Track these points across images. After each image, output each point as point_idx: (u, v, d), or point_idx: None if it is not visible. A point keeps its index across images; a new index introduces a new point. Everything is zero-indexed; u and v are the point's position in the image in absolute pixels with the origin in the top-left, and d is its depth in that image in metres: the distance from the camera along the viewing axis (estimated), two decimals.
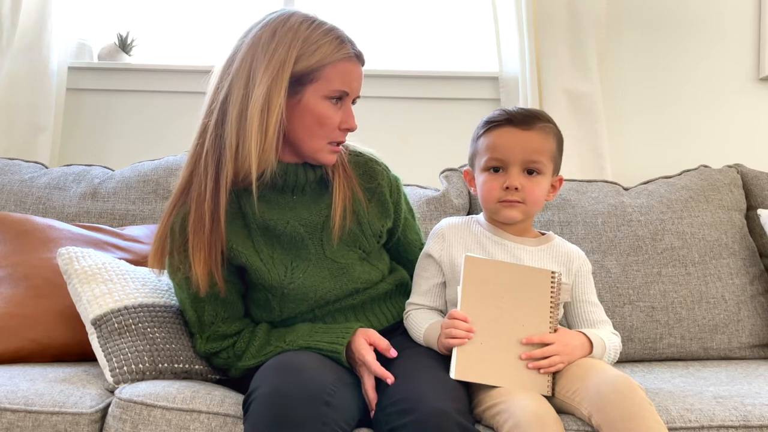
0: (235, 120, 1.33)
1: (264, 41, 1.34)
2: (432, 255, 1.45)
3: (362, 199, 1.46)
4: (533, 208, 1.40)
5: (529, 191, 1.37)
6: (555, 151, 1.41)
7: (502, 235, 1.43)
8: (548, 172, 1.40)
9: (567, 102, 2.27)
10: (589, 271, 1.46)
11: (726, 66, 2.39)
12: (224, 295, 1.40)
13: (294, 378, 1.20)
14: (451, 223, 1.48)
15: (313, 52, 1.34)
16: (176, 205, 1.40)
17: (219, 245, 1.35)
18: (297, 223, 1.42)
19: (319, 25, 1.36)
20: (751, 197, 2.04)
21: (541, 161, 1.38)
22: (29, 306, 1.59)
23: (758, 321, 1.87)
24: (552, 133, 1.41)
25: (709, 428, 1.28)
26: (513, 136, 1.38)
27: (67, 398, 1.32)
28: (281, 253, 1.42)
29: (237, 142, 1.33)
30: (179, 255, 1.38)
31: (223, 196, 1.35)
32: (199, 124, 1.40)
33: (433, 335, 1.37)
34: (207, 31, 2.46)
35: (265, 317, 1.45)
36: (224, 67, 1.38)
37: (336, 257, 1.44)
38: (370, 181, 1.48)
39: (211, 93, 1.39)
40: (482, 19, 2.46)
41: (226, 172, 1.34)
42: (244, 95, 1.33)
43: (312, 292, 1.42)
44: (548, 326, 1.31)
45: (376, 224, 1.48)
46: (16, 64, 2.22)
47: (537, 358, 1.29)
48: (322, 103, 1.36)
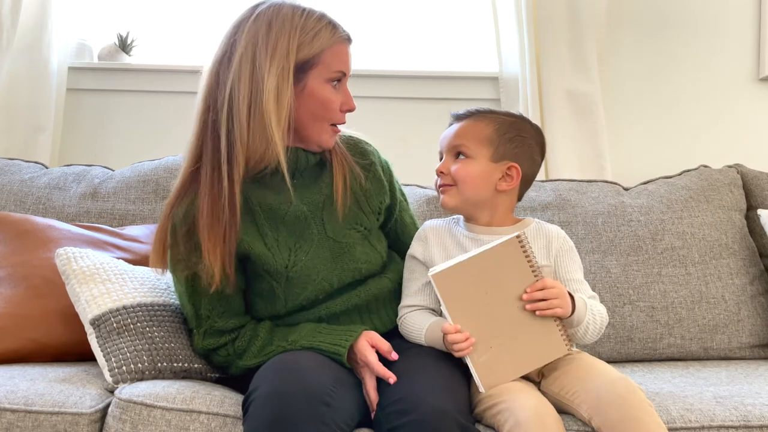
0: (245, 114, 1.35)
1: (262, 34, 1.36)
2: (416, 256, 1.47)
3: (359, 176, 1.50)
4: (465, 188, 1.42)
5: (455, 172, 1.42)
6: (490, 137, 1.42)
7: (477, 230, 1.45)
8: (479, 156, 1.42)
9: (567, 102, 2.27)
10: (570, 249, 1.45)
11: (726, 66, 2.39)
12: (226, 289, 1.39)
13: (293, 378, 1.20)
14: (432, 225, 1.50)
15: (311, 40, 1.38)
16: (178, 202, 1.40)
17: (234, 237, 1.37)
18: (300, 202, 1.44)
19: (311, 13, 1.40)
20: (751, 197, 2.04)
21: (463, 144, 1.43)
22: (29, 306, 1.59)
23: (758, 321, 1.87)
24: (488, 120, 1.44)
25: (709, 428, 1.28)
26: (448, 130, 1.47)
27: (67, 398, 1.32)
28: (286, 235, 1.43)
29: (248, 135, 1.35)
30: (182, 247, 1.38)
31: (238, 188, 1.36)
32: (196, 124, 1.41)
33: (436, 335, 1.37)
34: (207, 31, 2.46)
35: (269, 310, 1.45)
36: (220, 65, 1.39)
37: (337, 237, 1.46)
38: (364, 158, 1.53)
39: (209, 90, 1.40)
40: (482, 19, 2.46)
41: (239, 166, 1.36)
42: (253, 89, 1.35)
43: (315, 273, 1.42)
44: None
45: (374, 200, 1.51)
46: (16, 64, 2.22)
47: (538, 303, 1.28)
48: (324, 87, 1.41)
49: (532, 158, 1.46)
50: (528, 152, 1.45)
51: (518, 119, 1.47)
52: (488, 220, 1.45)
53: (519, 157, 1.43)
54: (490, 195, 1.43)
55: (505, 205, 1.46)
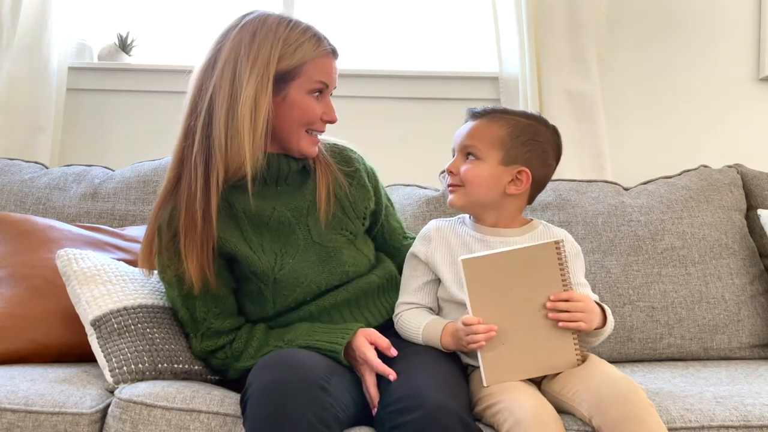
0: (224, 120, 1.37)
1: (245, 43, 1.39)
2: (418, 255, 1.47)
3: (343, 183, 1.51)
4: (473, 190, 1.41)
5: (464, 174, 1.42)
6: (502, 139, 1.41)
7: (485, 231, 1.45)
8: (489, 158, 1.41)
9: (567, 102, 2.27)
10: (577, 254, 1.46)
11: (726, 66, 2.39)
12: (215, 290, 1.41)
13: (287, 369, 1.21)
14: (437, 225, 1.50)
15: (293, 51, 1.40)
16: (162, 206, 1.42)
17: (210, 242, 1.38)
18: (283, 208, 1.46)
19: (296, 25, 1.42)
20: (751, 197, 2.04)
21: (474, 145, 1.41)
22: (29, 306, 1.59)
23: (758, 321, 1.87)
24: (502, 122, 1.42)
25: (709, 428, 1.28)
26: (463, 127, 1.46)
27: (67, 398, 1.32)
28: (270, 240, 1.44)
29: (226, 142, 1.37)
30: (168, 253, 1.40)
31: (215, 195, 1.38)
32: (181, 126, 1.44)
33: (432, 334, 1.37)
34: (207, 31, 2.46)
35: (259, 312, 1.46)
36: (205, 70, 1.42)
37: (323, 241, 1.47)
38: (348, 165, 1.54)
39: (193, 96, 1.43)
40: (482, 19, 2.46)
41: (217, 171, 1.38)
42: (231, 96, 1.37)
43: (303, 276, 1.43)
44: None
45: (359, 206, 1.52)
46: (16, 64, 2.22)
47: (561, 314, 1.28)
48: (305, 98, 1.43)
49: (546, 162, 1.45)
50: (541, 156, 1.43)
51: (534, 122, 1.45)
52: (494, 222, 1.45)
53: (530, 161, 1.42)
54: (498, 198, 1.42)
55: (513, 208, 1.45)
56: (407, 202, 1.97)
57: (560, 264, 1.29)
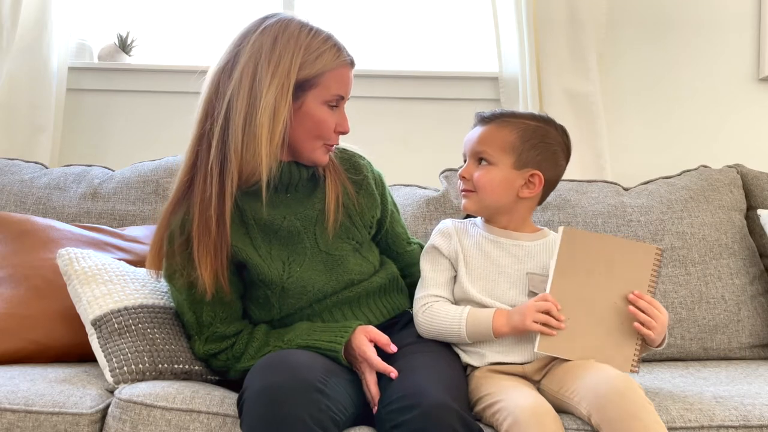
0: (241, 126, 1.35)
1: (266, 49, 1.36)
2: (440, 249, 1.46)
3: (352, 192, 1.50)
4: (486, 195, 1.42)
5: (477, 179, 1.42)
6: (513, 144, 1.41)
7: (497, 232, 1.45)
8: (500, 162, 1.41)
9: (567, 102, 2.27)
10: None
11: (726, 66, 2.39)
12: (227, 297, 1.40)
13: (284, 372, 1.20)
14: (455, 223, 1.50)
15: (314, 60, 1.37)
16: (175, 210, 1.41)
17: (225, 248, 1.37)
18: (293, 217, 1.45)
19: (317, 33, 1.39)
20: (751, 197, 2.04)
21: (486, 150, 1.42)
22: (29, 307, 1.59)
23: (758, 321, 1.87)
24: (512, 126, 1.43)
25: (709, 428, 1.28)
26: (472, 132, 1.46)
27: (68, 399, 1.32)
28: (278, 248, 1.43)
29: (243, 148, 1.35)
30: (181, 258, 1.38)
31: (229, 201, 1.36)
32: (195, 130, 1.41)
33: (482, 319, 1.35)
34: (207, 31, 2.47)
35: (264, 316, 1.46)
36: (222, 74, 1.39)
37: (330, 250, 1.46)
38: (357, 173, 1.53)
39: (208, 99, 1.40)
40: (482, 19, 2.46)
41: (231, 177, 1.36)
42: (250, 103, 1.35)
43: (310, 285, 1.43)
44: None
45: (366, 215, 1.52)
46: (16, 64, 2.22)
47: (640, 313, 1.31)
48: (320, 109, 1.40)
49: (556, 163, 1.46)
50: (552, 158, 1.44)
51: (543, 124, 1.45)
52: (506, 224, 1.46)
53: (542, 163, 1.43)
54: (512, 201, 1.44)
55: (524, 210, 1.46)
56: (407, 202, 1.97)
57: (654, 270, 1.32)
